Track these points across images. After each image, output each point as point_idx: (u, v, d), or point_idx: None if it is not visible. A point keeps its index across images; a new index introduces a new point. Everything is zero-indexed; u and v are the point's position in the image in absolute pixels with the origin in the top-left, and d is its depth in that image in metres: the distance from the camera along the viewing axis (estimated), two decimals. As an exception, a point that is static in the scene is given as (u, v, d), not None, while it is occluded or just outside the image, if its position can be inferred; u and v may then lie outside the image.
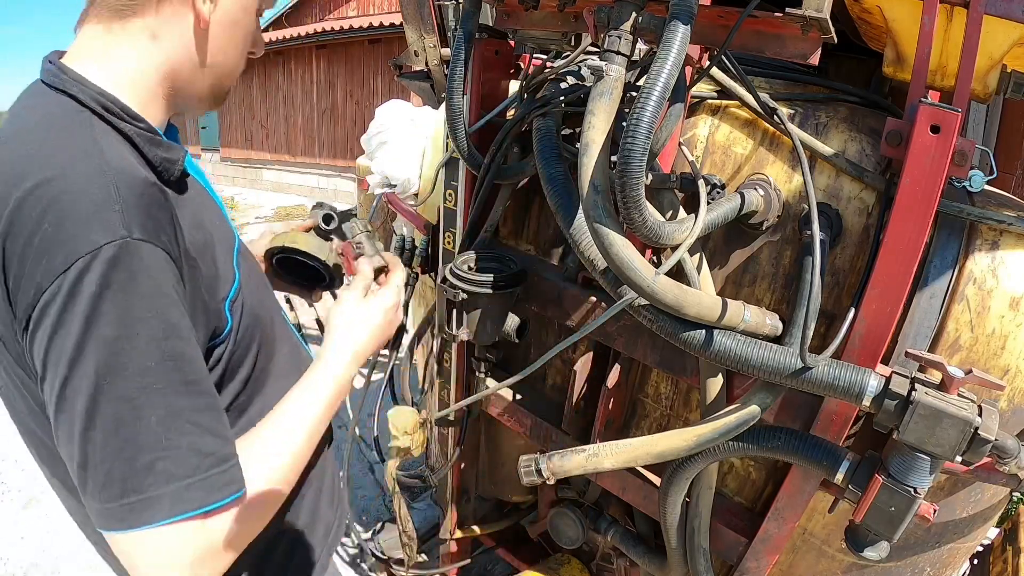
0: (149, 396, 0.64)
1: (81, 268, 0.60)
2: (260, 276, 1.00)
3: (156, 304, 0.65)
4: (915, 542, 1.19)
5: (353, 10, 10.82)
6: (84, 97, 0.71)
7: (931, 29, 0.86)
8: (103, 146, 0.68)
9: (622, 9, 0.83)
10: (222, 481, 0.69)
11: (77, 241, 0.61)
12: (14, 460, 3.26)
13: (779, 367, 0.88)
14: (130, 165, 0.69)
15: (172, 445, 0.66)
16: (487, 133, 1.37)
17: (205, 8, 0.77)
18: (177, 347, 0.67)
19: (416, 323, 2.29)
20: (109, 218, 0.62)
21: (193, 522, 0.67)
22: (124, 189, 0.65)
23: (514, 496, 1.90)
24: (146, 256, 0.64)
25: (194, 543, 0.68)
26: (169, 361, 0.66)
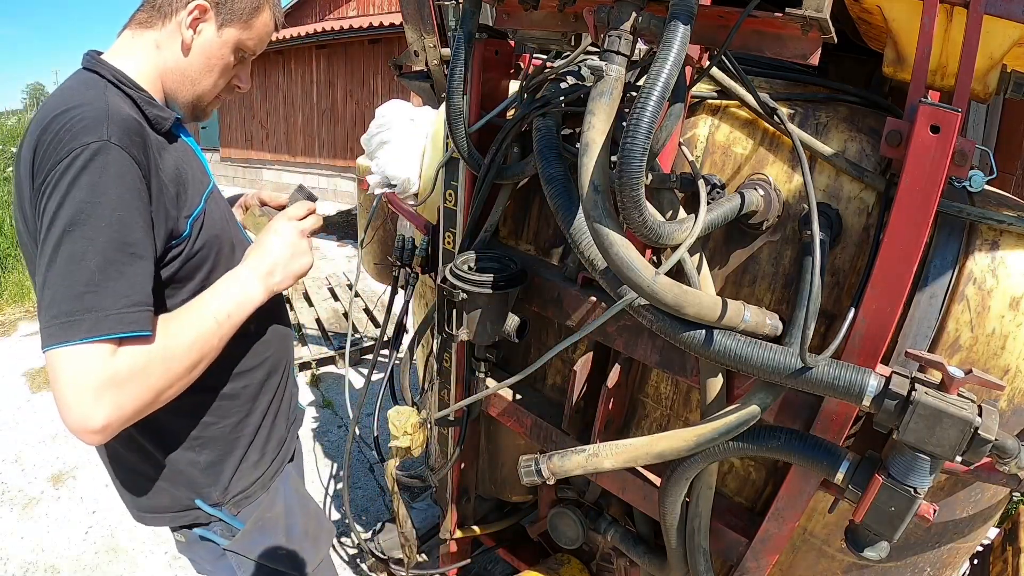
0: (95, 245, 0.87)
1: (74, 155, 0.87)
2: (229, 216, 1.22)
3: (118, 186, 0.89)
4: (915, 542, 1.19)
5: (353, 10, 10.81)
6: (103, 72, 1.02)
7: (931, 29, 0.86)
8: (108, 97, 0.97)
9: (622, 9, 0.83)
10: (130, 319, 0.88)
11: (76, 140, 0.88)
12: (14, 460, 3.27)
13: (779, 367, 0.88)
14: (123, 109, 0.96)
15: (101, 285, 0.87)
16: (487, 133, 1.37)
17: (187, 35, 1.07)
18: (126, 218, 0.90)
19: (416, 323, 2.29)
20: (98, 129, 0.89)
21: (103, 346, 0.86)
22: (114, 117, 0.92)
23: (514, 496, 1.90)
24: (116, 155, 0.89)
25: (102, 367, 0.86)
26: (117, 226, 0.89)
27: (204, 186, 1.14)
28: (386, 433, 1.71)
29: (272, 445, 1.28)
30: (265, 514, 1.25)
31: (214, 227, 1.12)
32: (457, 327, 1.31)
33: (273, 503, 1.27)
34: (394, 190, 2.08)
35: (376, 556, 2.36)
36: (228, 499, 1.20)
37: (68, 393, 0.84)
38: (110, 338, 0.86)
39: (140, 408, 0.92)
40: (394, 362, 1.99)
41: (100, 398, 0.85)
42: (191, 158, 1.14)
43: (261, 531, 1.25)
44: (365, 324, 4.74)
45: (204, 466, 1.18)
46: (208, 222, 1.10)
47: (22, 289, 5.56)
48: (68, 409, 0.85)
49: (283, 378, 1.31)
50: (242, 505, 1.22)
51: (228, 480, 1.20)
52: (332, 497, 2.91)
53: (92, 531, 2.77)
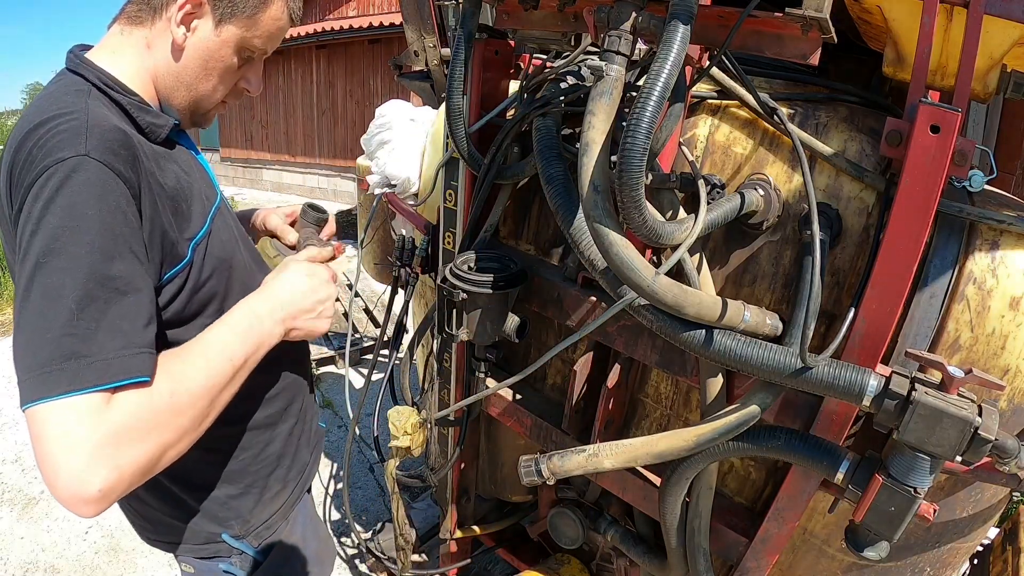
0: (74, 278, 0.73)
1: (48, 174, 0.76)
2: (240, 236, 1.12)
3: (99, 208, 0.76)
4: (915, 542, 1.19)
5: (353, 10, 10.81)
6: (88, 75, 0.90)
7: (931, 29, 0.86)
8: (90, 106, 0.85)
9: (622, 9, 0.83)
10: (122, 365, 0.74)
11: (50, 157, 0.77)
12: (14, 460, 3.27)
13: (779, 367, 0.88)
14: (106, 118, 0.84)
15: (82, 326, 0.73)
16: (487, 133, 1.37)
17: (178, 32, 0.93)
18: (109, 246, 0.76)
19: (416, 323, 2.29)
20: (75, 143, 0.78)
21: (92, 397, 0.71)
22: (93, 129, 0.80)
23: (514, 496, 1.90)
24: (97, 171, 0.77)
25: (94, 424, 0.71)
26: (99, 255, 0.75)
27: (210, 202, 1.02)
28: (386, 433, 1.71)
29: (294, 472, 1.23)
30: (285, 543, 1.21)
31: (223, 250, 1.01)
32: (457, 327, 1.31)
33: (292, 532, 1.24)
34: (394, 190, 2.08)
35: (376, 556, 2.36)
36: (251, 531, 1.15)
37: (55, 458, 0.69)
38: (99, 389, 0.72)
39: (144, 469, 0.76)
40: (394, 362, 1.98)
41: (94, 461, 0.70)
42: (194, 169, 1.03)
43: (282, 562, 1.22)
44: (365, 324, 4.74)
45: (225, 500, 1.10)
46: (215, 245, 0.99)
47: (22, 289, 5.56)
48: (56, 476, 0.69)
49: (304, 402, 1.26)
50: (263, 536, 1.17)
51: (250, 511, 1.14)
52: (332, 497, 2.91)
53: (92, 531, 2.77)
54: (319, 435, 1.36)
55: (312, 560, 1.30)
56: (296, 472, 1.23)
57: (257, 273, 1.12)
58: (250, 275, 1.10)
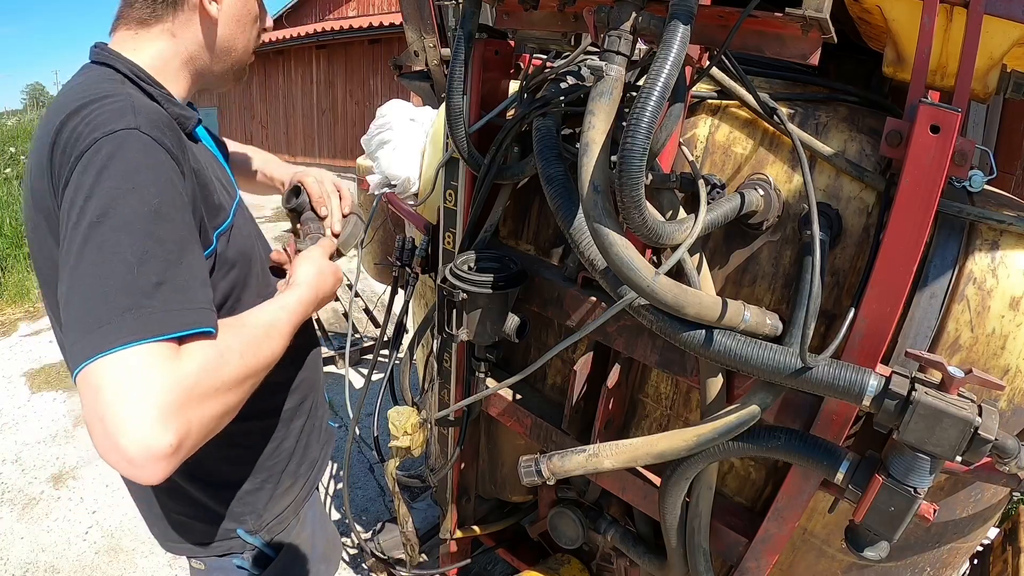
0: (132, 236, 0.72)
1: (100, 144, 0.76)
2: (257, 233, 1.15)
3: (154, 174, 0.77)
4: (915, 542, 1.19)
5: (353, 10, 10.81)
6: (120, 67, 0.92)
7: (931, 29, 0.86)
8: (131, 90, 0.88)
9: (622, 9, 0.83)
10: (187, 318, 0.72)
11: (101, 129, 0.77)
12: (14, 460, 3.27)
13: (779, 367, 0.88)
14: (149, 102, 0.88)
15: (143, 280, 0.70)
16: (487, 133, 1.37)
17: (212, 8, 0.98)
18: (165, 210, 0.76)
19: (416, 323, 2.29)
20: (125, 118, 0.79)
21: (161, 347, 0.67)
22: (141, 108, 0.82)
23: (514, 496, 1.90)
24: (149, 144, 0.79)
25: (166, 374, 0.66)
26: (155, 216, 0.74)
27: (232, 197, 1.06)
28: (386, 433, 1.71)
29: (304, 468, 1.24)
30: (295, 541, 1.23)
31: (244, 244, 1.04)
32: (457, 327, 1.31)
33: (302, 529, 1.25)
34: (394, 190, 2.08)
35: (376, 556, 2.36)
36: (264, 527, 1.16)
37: (118, 412, 0.62)
38: (169, 338, 0.69)
39: (210, 429, 0.72)
40: (394, 362, 1.98)
41: (169, 412, 0.65)
42: (216, 166, 1.06)
43: (292, 559, 1.23)
44: (365, 324, 4.74)
45: (241, 496, 1.12)
46: (237, 238, 1.01)
47: (22, 289, 5.56)
48: (121, 434, 0.62)
49: (314, 400, 1.28)
50: (275, 532, 1.18)
51: (263, 506, 1.15)
52: (332, 497, 2.91)
53: (92, 531, 2.77)
54: (329, 434, 1.38)
55: (319, 558, 1.31)
56: (307, 468, 1.25)
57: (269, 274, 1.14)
58: (265, 273, 1.12)
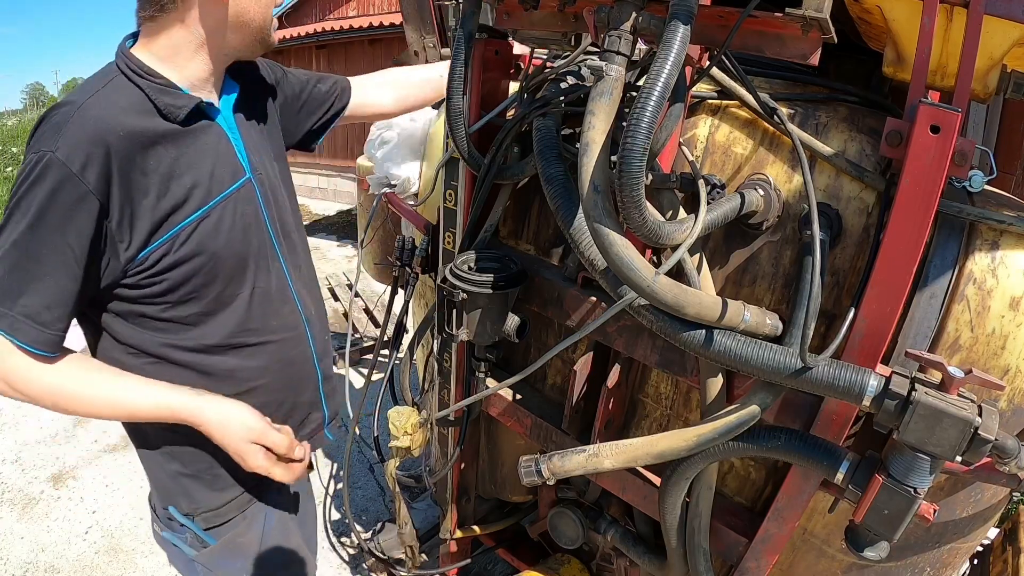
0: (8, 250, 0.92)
1: (27, 161, 0.93)
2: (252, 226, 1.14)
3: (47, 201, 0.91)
4: (915, 542, 1.19)
5: (353, 10, 10.79)
6: (120, 63, 1.01)
7: (931, 29, 0.86)
8: (99, 94, 0.97)
9: (622, 9, 0.83)
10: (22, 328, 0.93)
11: (35, 146, 0.93)
12: (14, 460, 3.27)
13: (779, 367, 0.88)
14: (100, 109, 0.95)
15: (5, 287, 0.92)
16: (487, 133, 1.37)
17: None
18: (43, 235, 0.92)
19: (416, 323, 2.29)
20: (53, 139, 0.92)
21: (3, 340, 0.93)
22: (75, 124, 0.93)
23: (514, 496, 1.90)
24: (55, 171, 0.91)
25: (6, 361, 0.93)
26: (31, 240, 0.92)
27: (221, 187, 1.07)
28: (386, 433, 1.71)
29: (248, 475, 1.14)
30: (237, 538, 1.22)
31: (216, 237, 1.06)
32: (457, 327, 1.31)
33: (248, 529, 1.24)
34: (394, 190, 2.08)
35: (376, 556, 2.36)
36: (198, 513, 1.18)
37: None
38: (6, 336, 0.93)
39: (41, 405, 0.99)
40: (394, 362, 1.99)
41: None
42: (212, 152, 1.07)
43: (231, 553, 1.23)
44: (365, 324, 4.74)
45: (174, 475, 1.16)
46: (208, 230, 1.04)
47: (22, 289, 5.55)
48: None
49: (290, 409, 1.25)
50: (212, 522, 1.19)
51: (197, 495, 1.17)
52: (332, 497, 2.91)
53: (92, 531, 2.77)
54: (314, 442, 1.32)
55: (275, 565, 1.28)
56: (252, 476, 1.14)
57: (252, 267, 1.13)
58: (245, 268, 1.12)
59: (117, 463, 3.23)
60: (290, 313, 1.23)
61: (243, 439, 1.06)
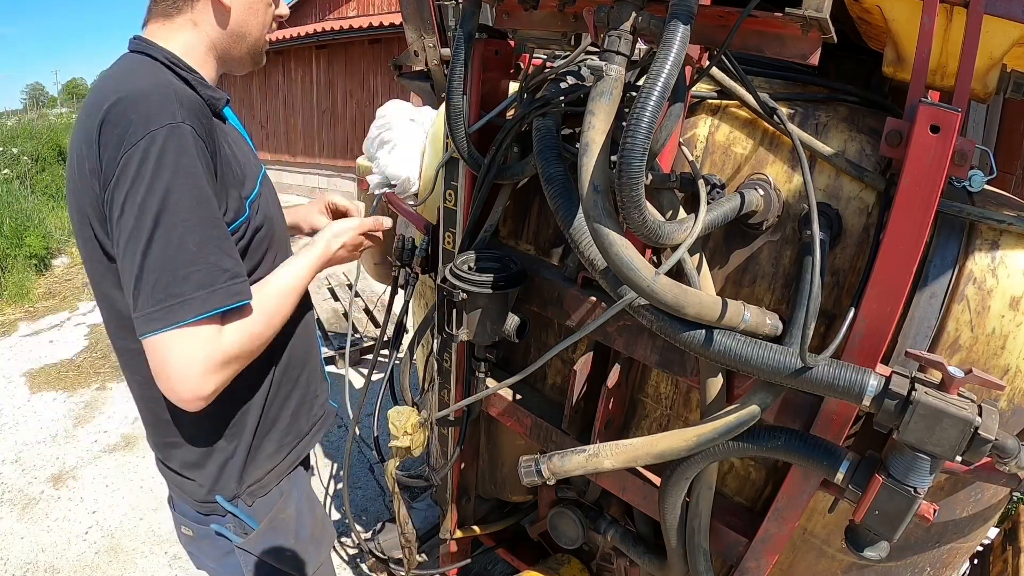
0: (190, 227, 0.92)
1: (151, 136, 0.90)
2: (277, 203, 1.27)
3: (195, 165, 0.93)
4: (915, 542, 1.19)
5: (353, 10, 10.80)
6: (157, 55, 1.03)
7: (931, 29, 0.86)
8: (171, 78, 1.00)
9: (622, 9, 0.83)
10: (235, 290, 0.96)
11: (149, 123, 0.90)
12: (14, 460, 3.27)
13: (779, 367, 0.88)
14: (187, 90, 1.00)
15: (203, 262, 0.92)
16: (487, 133, 1.37)
17: None
18: (205, 195, 0.94)
19: (416, 323, 2.29)
20: (171, 110, 0.92)
21: (211, 325, 0.94)
22: (183, 98, 0.96)
23: (514, 496, 1.90)
24: (191, 136, 0.93)
25: (213, 347, 0.94)
26: (206, 204, 0.94)
27: (258, 169, 1.19)
28: (386, 433, 1.71)
29: (290, 439, 1.28)
30: (278, 515, 1.26)
31: (269, 209, 1.18)
32: (457, 327, 1.31)
33: (287, 504, 1.28)
34: (394, 190, 2.08)
35: (376, 556, 2.36)
36: (244, 489, 1.21)
37: (181, 371, 0.92)
38: (217, 312, 0.94)
39: (244, 367, 1.02)
40: (394, 362, 1.98)
41: (211, 374, 0.94)
42: (242, 141, 1.19)
43: (273, 531, 1.26)
44: (365, 324, 4.74)
45: (221, 450, 1.19)
46: (263, 204, 1.15)
47: (22, 289, 5.56)
48: (181, 385, 0.92)
49: (306, 373, 1.32)
50: (256, 495, 1.23)
51: (241, 467, 1.20)
52: (332, 497, 2.91)
53: (92, 531, 2.77)
54: (326, 412, 1.41)
55: (307, 538, 1.33)
56: (292, 438, 1.29)
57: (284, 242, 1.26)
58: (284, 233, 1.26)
59: (117, 463, 3.23)
60: None
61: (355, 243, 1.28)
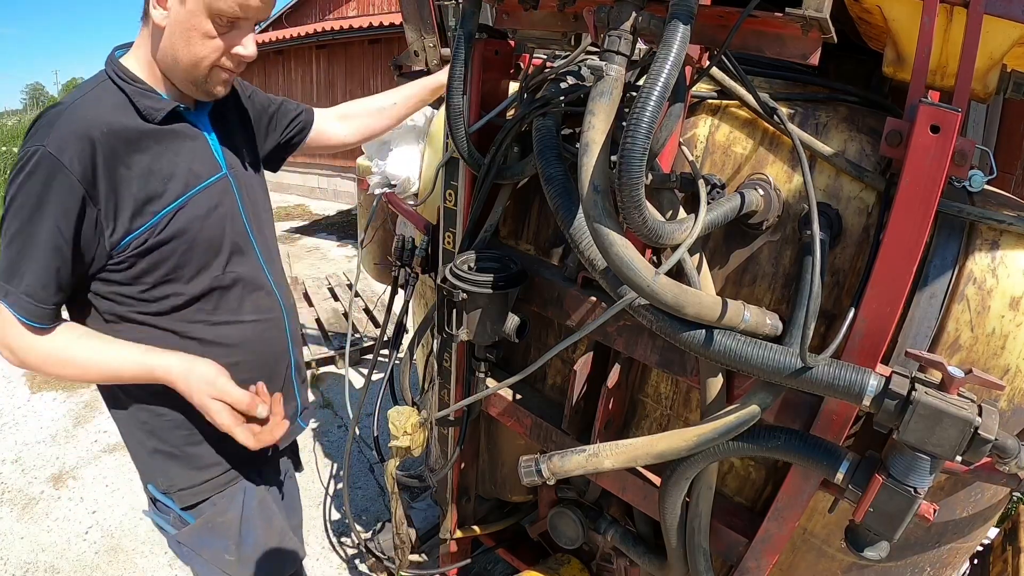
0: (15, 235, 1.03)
1: (23, 154, 1.03)
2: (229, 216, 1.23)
3: (42, 189, 1.01)
4: (915, 542, 1.19)
5: (353, 10, 10.80)
6: (107, 68, 1.13)
7: (931, 29, 0.86)
8: (87, 96, 1.09)
9: (622, 9, 0.83)
10: (23, 304, 1.04)
11: (30, 142, 1.03)
12: (14, 460, 3.26)
13: (779, 367, 0.88)
14: (87, 109, 1.06)
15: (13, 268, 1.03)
16: (487, 133, 1.37)
17: (156, 14, 1.07)
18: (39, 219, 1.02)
19: (416, 323, 2.29)
20: (45, 134, 1.02)
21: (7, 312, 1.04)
22: (64, 122, 1.03)
23: (514, 496, 1.90)
24: (47, 162, 1.00)
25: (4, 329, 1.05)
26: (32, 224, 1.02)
27: (198, 180, 1.17)
28: (386, 433, 1.71)
29: (237, 458, 1.27)
30: (216, 517, 1.27)
31: (192, 223, 1.15)
32: (457, 327, 1.31)
33: (227, 509, 1.28)
34: (394, 190, 2.08)
35: (376, 556, 2.36)
36: (174, 491, 1.24)
37: None
38: (10, 309, 1.03)
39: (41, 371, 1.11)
40: (394, 362, 1.99)
41: (5, 349, 1.07)
42: (190, 150, 1.17)
43: (211, 532, 1.27)
44: (365, 324, 4.74)
45: (152, 451, 1.23)
46: (185, 218, 1.14)
47: (22, 289, 5.55)
48: None
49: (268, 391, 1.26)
50: (188, 501, 1.25)
51: (173, 473, 1.23)
52: (332, 497, 2.91)
53: (92, 531, 2.77)
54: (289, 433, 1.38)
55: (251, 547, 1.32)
56: (240, 458, 1.27)
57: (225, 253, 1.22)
58: (217, 252, 1.21)
59: (117, 463, 3.22)
60: (266, 297, 1.31)
61: (205, 393, 1.11)
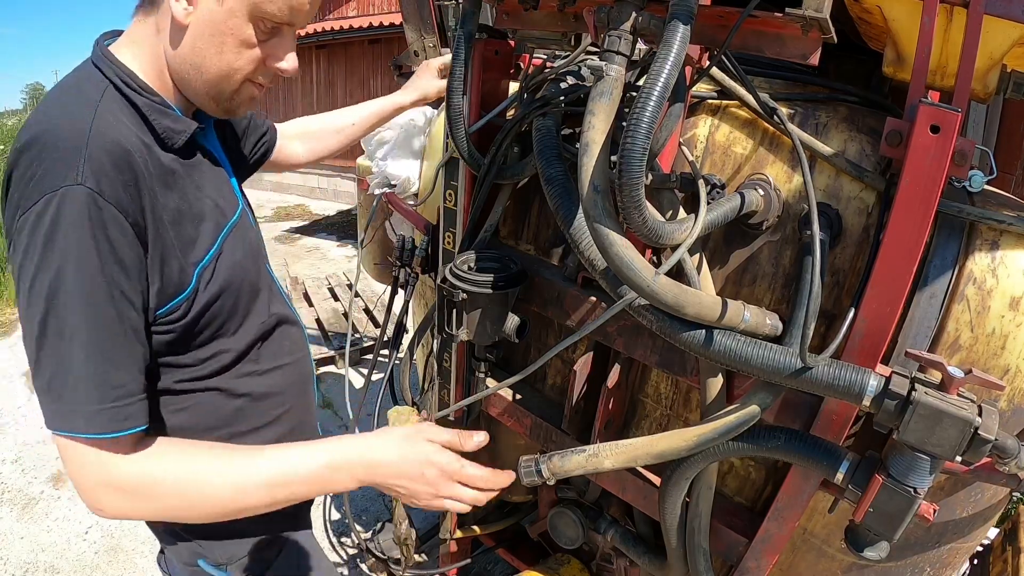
0: (77, 332, 0.77)
1: (46, 202, 0.75)
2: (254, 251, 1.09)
3: (96, 245, 0.76)
4: (915, 542, 1.19)
5: (353, 10, 10.80)
6: (107, 71, 0.85)
7: (931, 29, 0.86)
8: (101, 111, 0.81)
9: (622, 9, 0.83)
10: (125, 413, 0.80)
11: (46, 182, 0.75)
12: (14, 460, 3.26)
13: (779, 367, 0.88)
14: (113, 130, 0.81)
15: (91, 374, 0.78)
16: (487, 133, 1.37)
17: (177, 8, 0.84)
18: (97, 286, 0.77)
19: (416, 323, 2.29)
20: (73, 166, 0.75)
21: (98, 445, 0.80)
22: (94, 146, 0.77)
23: (514, 496, 1.90)
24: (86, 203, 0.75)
25: (100, 467, 0.80)
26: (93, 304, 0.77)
27: (225, 220, 0.98)
28: (386, 433, 1.71)
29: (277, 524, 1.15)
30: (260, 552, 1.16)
31: (231, 272, 0.97)
32: (457, 327, 1.31)
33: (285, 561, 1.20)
34: (394, 190, 2.08)
35: (376, 556, 2.36)
36: (234, 562, 1.13)
37: (77, 479, 0.82)
38: (105, 438, 0.79)
39: (151, 518, 0.89)
40: (394, 362, 1.99)
41: (105, 496, 0.81)
42: (211, 180, 0.98)
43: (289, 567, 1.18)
44: (365, 324, 4.74)
45: (202, 533, 1.08)
46: (223, 267, 0.95)
47: (22, 289, 5.55)
48: (80, 491, 0.82)
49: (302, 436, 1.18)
50: (243, 564, 1.14)
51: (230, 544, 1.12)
52: (332, 497, 2.91)
53: (92, 531, 2.77)
54: None
55: None
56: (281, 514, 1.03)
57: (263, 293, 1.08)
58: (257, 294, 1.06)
59: (117, 463, 3.23)
60: (294, 329, 1.20)
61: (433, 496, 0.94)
